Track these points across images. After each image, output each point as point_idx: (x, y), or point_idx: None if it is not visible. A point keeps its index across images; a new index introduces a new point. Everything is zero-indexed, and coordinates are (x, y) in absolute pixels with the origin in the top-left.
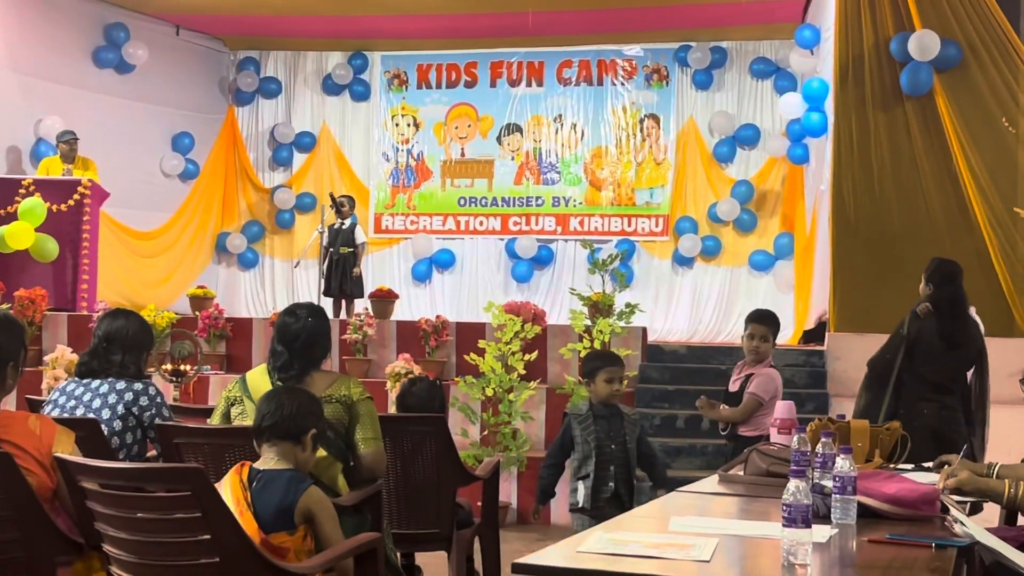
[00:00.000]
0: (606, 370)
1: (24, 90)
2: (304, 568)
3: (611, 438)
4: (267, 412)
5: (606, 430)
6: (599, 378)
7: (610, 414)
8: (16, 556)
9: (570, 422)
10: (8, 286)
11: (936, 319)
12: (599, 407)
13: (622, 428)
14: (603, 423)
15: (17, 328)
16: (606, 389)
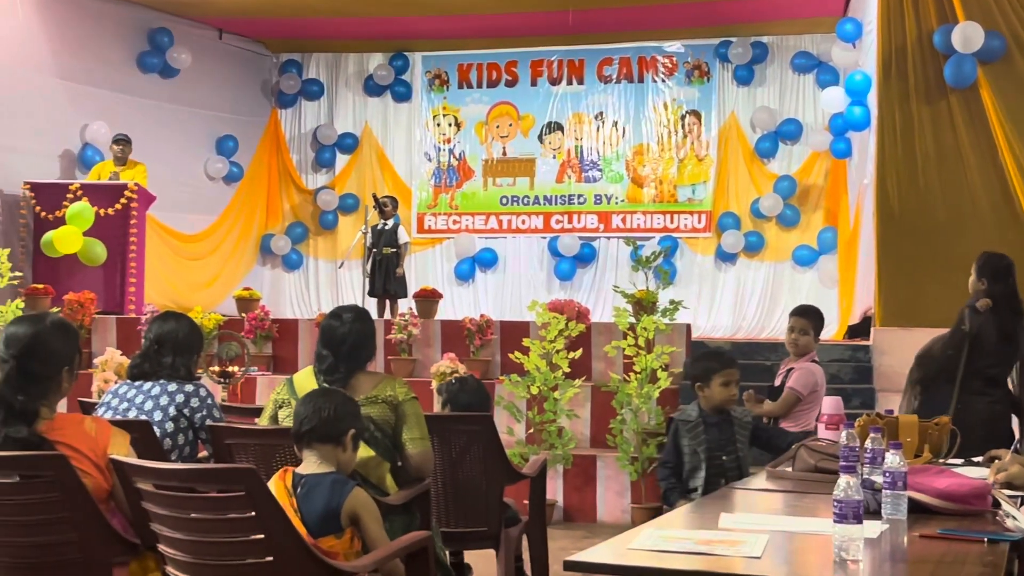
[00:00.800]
0: (723, 373)
1: (71, 96)
2: (356, 567)
3: (723, 447)
4: (305, 416)
5: (718, 439)
6: (715, 382)
7: (722, 420)
8: (73, 557)
9: (677, 428)
10: (57, 290)
11: (994, 314)
12: (710, 413)
13: (734, 435)
14: (714, 431)
15: (71, 333)
16: (723, 394)
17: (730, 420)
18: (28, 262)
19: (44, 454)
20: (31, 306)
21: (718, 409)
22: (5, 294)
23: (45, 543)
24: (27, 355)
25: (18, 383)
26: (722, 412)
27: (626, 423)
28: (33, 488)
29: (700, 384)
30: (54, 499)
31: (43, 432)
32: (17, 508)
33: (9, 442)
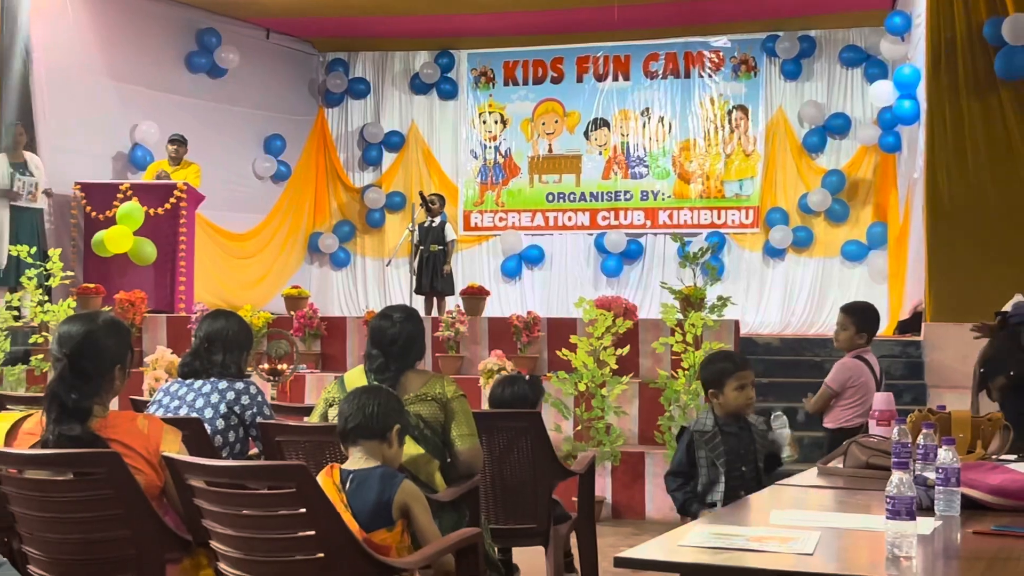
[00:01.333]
0: (737, 375)
1: (120, 97)
2: (407, 563)
3: (742, 458)
4: (350, 414)
5: (736, 449)
6: (728, 386)
7: (739, 428)
8: (126, 553)
9: (692, 439)
10: (108, 289)
11: None
12: (727, 421)
13: (753, 445)
14: (733, 440)
15: (124, 331)
16: (738, 399)
17: (748, 428)
18: (79, 262)
19: (97, 451)
20: (83, 305)
21: (734, 416)
22: (57, 294)
23: (98, 540)
24: (80, 354)
25: (71, 381)
26: (739, 419)
27: (674, 420)
28: (86, 485)
29: (713, 390)
30: (107, 496)
31: (96, 430)
32: (71, 505)
33: (63, 440)
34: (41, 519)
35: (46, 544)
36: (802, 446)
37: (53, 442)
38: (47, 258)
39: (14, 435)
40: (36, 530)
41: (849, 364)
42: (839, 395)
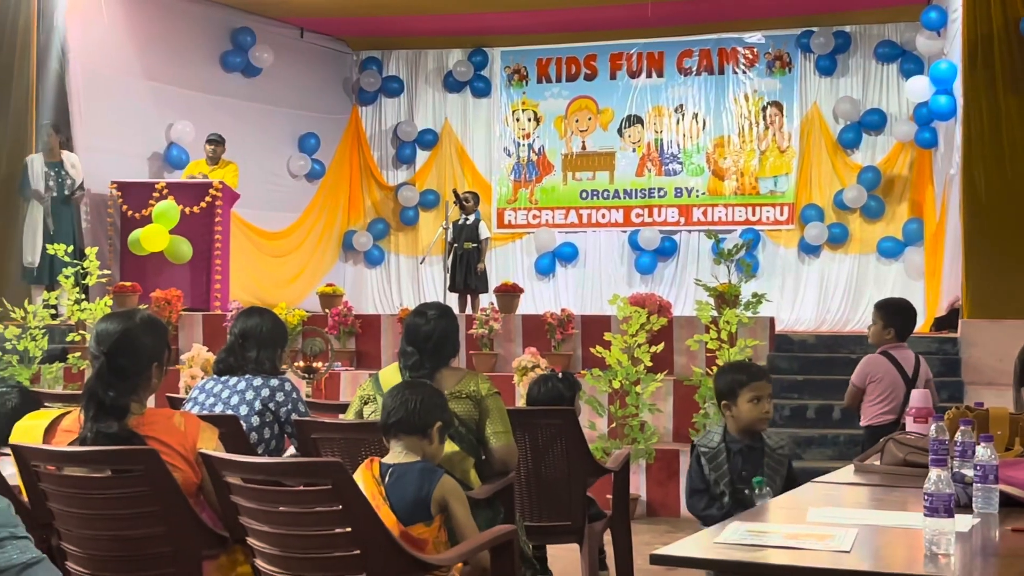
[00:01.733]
0: (751, 386)
1: (156, 96)
2: (443, 559)
3: (747, 481)
4: (392, 408)
5: (741, 470)
6: (742, 397)
7: (749, 447)
8: (163, 550)
9: (699, 456)
10: (144, 287)
11: None
12: (737, 437)
13: (763, 465)
14: (738, 460)
15: (161, 329)
16: (752, 412)
17: (760, 447)
18: (116, 260)
19: (135, 448)
20: (119, 304)
21: (748, 431)
22: (94, 292)
23: (135, 536)
24: (117, 351)
25: (108, 379)
26: (752, 435)
27: (709, 417)
28: (124, 482)
29: (726, 402)
30: (144, 493)
31: (133, 427)
32: (108, 502)
33: (100, 437)
34: (79, 516)
35: (84, 540)
36: (838, 444)
37: (91, 439)
38: (84, 257)
39: (52, 432)
40: (74, 527)
41: (870, 360)
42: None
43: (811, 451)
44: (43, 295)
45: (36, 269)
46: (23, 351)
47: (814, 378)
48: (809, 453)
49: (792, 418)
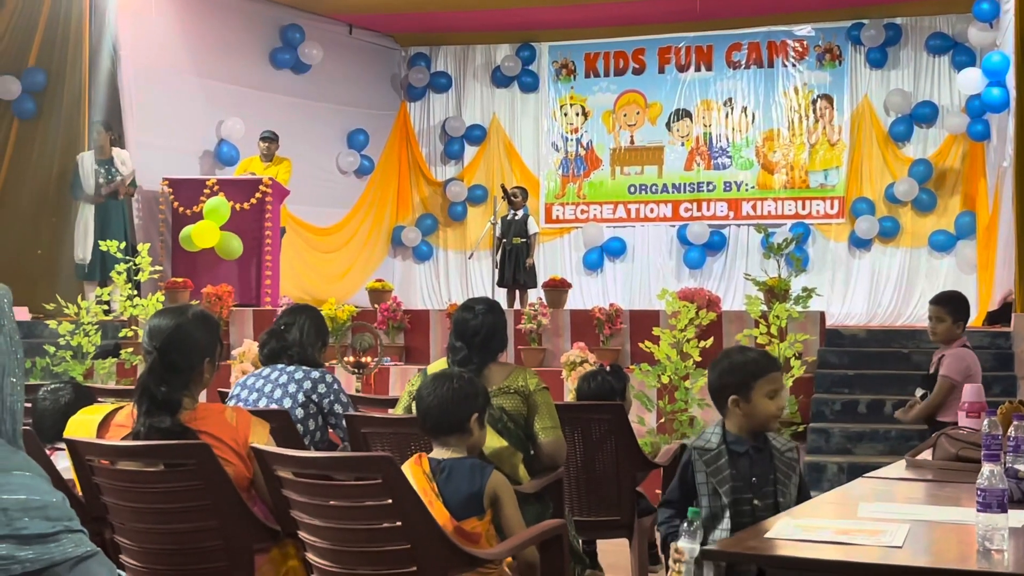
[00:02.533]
0: (769, 377)
1: (206, 93)
2: (492, 553)
3: (755, 487)
4: (425, 413)
5: (748, 475)
6: (759, 391)
7: (756, 449)
8: (215, 544)
9: (691, 460)
10: (196, 283)
11: None
12: (740, 438)
13: (773, 471)
14: (745, 464)
15: (212, 324)
16: (768, 408)
17: (768, 450)
18: (167, 256)
19: (187, 443)
20: (171, 299)
21: (753, 432)
22: (146, 288)
23: (188, 530)
24: (169, 347)
25: (161, 374)
26: (757, 437)
27: None
28: (176, 476)
29: (736, 396)
30: (197, 487)
31: (186, 422)
32: (161, 496)
33: (153, 432)
34: (132, 509)
35: (137, 534)
36: (889, 439)
37: (144, 434)
38: (136, 253)
39: (106, 427)
40: (127, 520)
41: (963, 354)
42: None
43: (862, 446)
44: (96, 291)
45: (87, 266)
46: (76, 347)
47: (865, 373)
48: (860, 448)
49: (843, 413)
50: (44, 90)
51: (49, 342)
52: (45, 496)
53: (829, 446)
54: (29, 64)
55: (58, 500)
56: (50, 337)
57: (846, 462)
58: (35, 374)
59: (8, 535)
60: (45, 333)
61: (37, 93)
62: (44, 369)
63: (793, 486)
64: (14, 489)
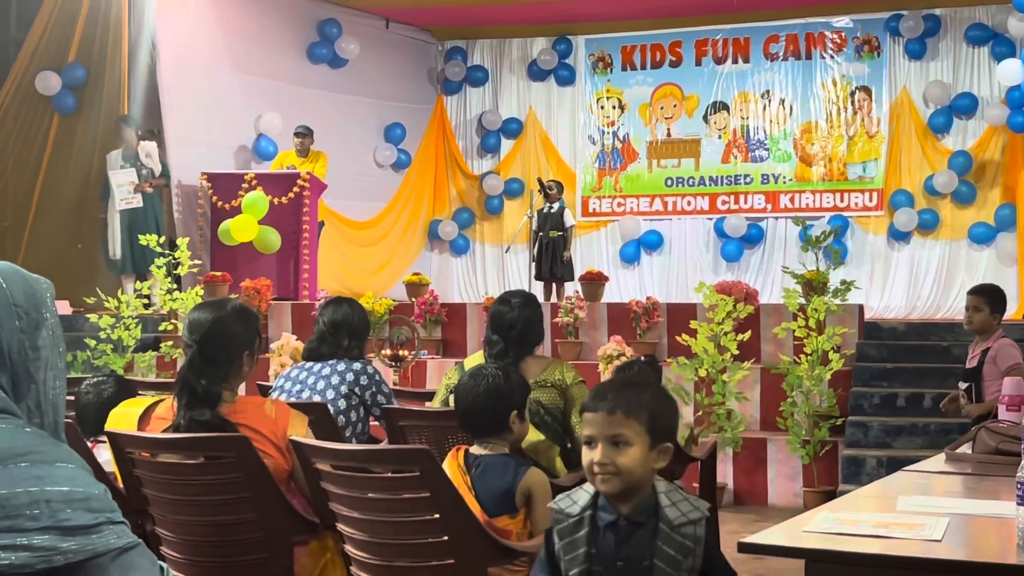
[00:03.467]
0: (586, 419)
1: (244, 88)
2: (529, 546)
3: (620, 572)
4: (464, 417)
5: (611, 557)
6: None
7: (631, 521)
8: (254, 536)
9: (551, 529)
10: (235, 277)
11: None
12: (607, 505)
13: (651, 555)
14: (609, 541)
15: (252, 317)
16: (584, 458)
17: (652, 524)
18: (206, 250)
19: (227, 436)
20: (210, 293)
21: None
22: (186, 282)
23: (228, 522)
24: (209, 340)
25: (201, 367)
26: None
27: (797, 406)
28: (216, 469)
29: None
30: (236, 479)
31: (225, 415)
32: (201, 488)
33: (193, 424)
34: (172, 501)
35: (177, 526)
36: (929, 432)
37: (184, 427)
38: (175, 247)
39: (147, 419)
40: (168, 512)
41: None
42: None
43: (901, 440)
44: (136, 285)
45: (120, 261)
46: (117, 340)
47: (904, 366)
48: (899, 442)
49: (882, 406)
50: (84, 85)
51: (90, 335)
52: (88, 488)
53: (868, 440)
54: (69, 60)
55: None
56: (91, 331)
57: (885, 456)
58: (76, 367)
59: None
60: (86, 327)
61: (77, 88)
62: (85, 362)
63: (687, 573)
64: (57, 481)
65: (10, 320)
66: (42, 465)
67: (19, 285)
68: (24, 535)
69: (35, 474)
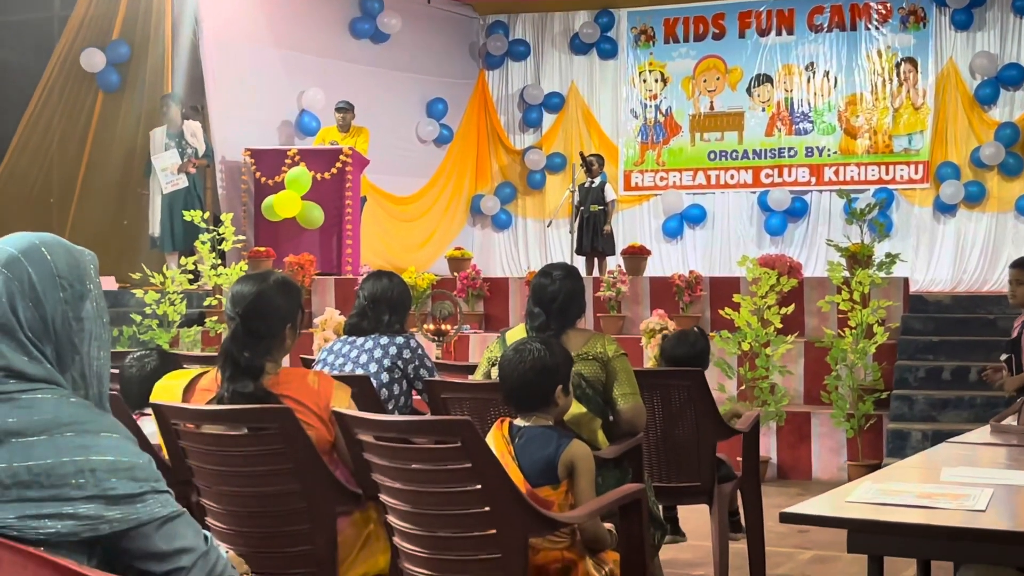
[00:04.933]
0: None
1: (286, 64)
2: (571, 517)
3: None
4: (509, 394)
5: None
6: None
7: None
8: (298, 506)
9: None
10: (278, 252)
11: None
12: None
13: None
14: None
15: (294, 291)
16: None
17: None
18: (250, 226)
19: (270, 407)
20: (254, 268)
21: None
22: (230, 257)
23: (271, 493)
24: (252, 313)
25: (244, 340)
26: None
27: (841, 379)
28: (260, 440)
29: None
30: (280, 450)
31: (268, 386)
32: (244, 459)
33: (236, 396)
34: (217, 473)
35: (222, 497)
36: (975, 406)
37: (227, 399)
38: (219, 223)
39: (191, 391)
40: (212, 483)
41: None
42: None
43: (946, 413)
44: (180, 260)
45: (160, 239)
46: (162, 316)
47: (950, 339)
48: (944, 415)
49: (927, 380)
50: (127, 62)
51: (135, 311)
52: (132, 457)
53: (913, 413)
54: (113, 37)
55: (144, 462)
56: (136, 306)
57: (930, 429)
58: (122, 342)
59: (96, 495)
60: (131, 302)
61: (121, 65)
62: (131, 338)
63: None
64: (102, 450)
65: (54, 291)
66: (87, 435)
67: (63, 256)
68: (70, 504)
69: (80, 444)
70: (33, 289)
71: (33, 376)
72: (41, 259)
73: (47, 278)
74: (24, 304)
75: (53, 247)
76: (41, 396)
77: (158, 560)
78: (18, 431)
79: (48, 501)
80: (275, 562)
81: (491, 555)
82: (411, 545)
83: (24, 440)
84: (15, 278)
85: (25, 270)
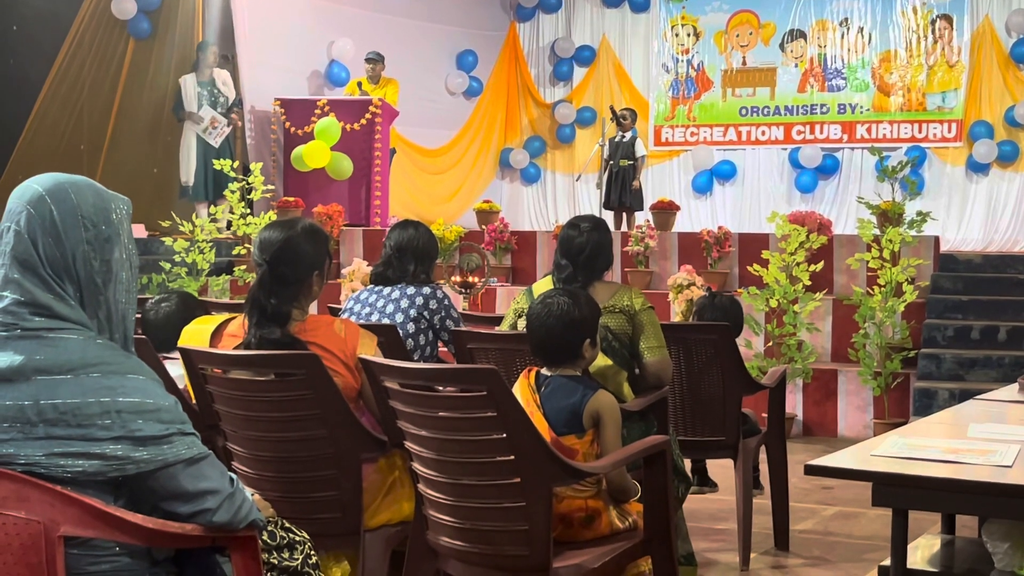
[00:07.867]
0: None
1: (317, 14)
2: (596, 467)
3: None
4: (538, 347)
5: None
6: None
7: None
8: (324, 452)
9: None
10: (307, 203)
11: None
12: None
13: None
14: None
15: (322, 237)
16: None
17: None
18: (280, 176)
19: (297, 353)
20: (282, 218)
21: None
22: (259, 207)
23: (298, 439)
24: (279, 259)
25: (271, 286)
26: None
27: (869, 337)
28: (287, 386)
29: None
30: (306, 396)
31: (295, 333)
32: (272, 405)
33: (263, 342)
34: (244, 418)
35: (248, 442)
36: (1003, 365)
37: (255, 345)
38: (248, 172)
39: (219, 336)
40: (239, 428)
41: None
42: None
43: (975, 372)
44: (210, 209)
45: (192, 187)
46: (191, 264)
47: (979, 298)
48: (972, 374)
49: (956, 339)
50: (158, 9)
51: (165, 259)
52: (158, 399)
53: (940, 372)
54: None
55: (170, 404)
56: (166, 254)
57: (958, 388)
58: (151, 290)
59: (123, 436)
60: (161, 250)
61: (152, 13)
62: (160, 285)
63: None
64: (128, 392)
65: (76, 230)
66: (113, 376)
67: (89, 198)
68: (97, 444)
69: (107, 384)
70: (55, 226)
71: (61, 314)
72: (65, 198)
73: (70, 217)
74: (45, 240)
75: (81, 188)
76: (67, 336)
77: (184, 501)
78: (45, 368)
79: (76, 440)
80: (300, 507)
81: (515, 503)
82: (435, 492)
83: (50, 378)
84: (38, 215)
85: (48, 207)
